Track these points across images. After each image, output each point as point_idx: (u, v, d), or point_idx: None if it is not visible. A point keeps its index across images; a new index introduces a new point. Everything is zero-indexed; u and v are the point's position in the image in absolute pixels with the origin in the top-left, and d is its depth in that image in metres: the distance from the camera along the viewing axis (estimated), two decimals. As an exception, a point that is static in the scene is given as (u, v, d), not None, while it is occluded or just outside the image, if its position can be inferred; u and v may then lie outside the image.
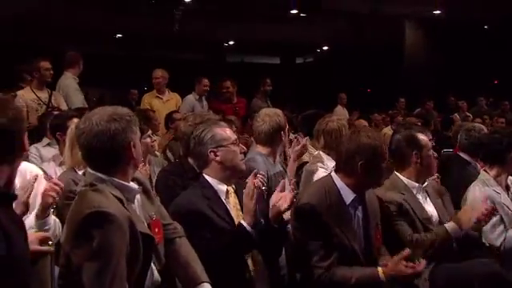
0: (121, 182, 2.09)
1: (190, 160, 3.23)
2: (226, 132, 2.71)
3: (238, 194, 2.69)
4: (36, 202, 2.56)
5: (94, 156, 2.08)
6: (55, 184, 2.50)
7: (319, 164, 3.66)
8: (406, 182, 2.99)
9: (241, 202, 2.63)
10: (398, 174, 3.04)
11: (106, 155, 2.05)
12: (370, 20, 12.97)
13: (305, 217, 2.60)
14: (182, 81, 7.22)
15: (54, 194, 2.47)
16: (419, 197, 3.01)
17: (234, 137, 2.73)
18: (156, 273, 2.24)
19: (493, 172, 3.29)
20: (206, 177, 2.65)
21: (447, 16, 13.37)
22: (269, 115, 3.65)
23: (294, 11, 12.66)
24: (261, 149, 3.59)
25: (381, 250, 2.78)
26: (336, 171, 2.71)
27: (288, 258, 2.90)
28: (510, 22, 12.34)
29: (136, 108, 6.57)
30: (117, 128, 2.03)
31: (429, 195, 3.10)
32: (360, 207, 2.71)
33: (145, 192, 2.29)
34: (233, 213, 2.63)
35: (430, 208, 3.04)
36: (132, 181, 2.19)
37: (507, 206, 3.15)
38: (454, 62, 13.43)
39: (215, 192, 2.62)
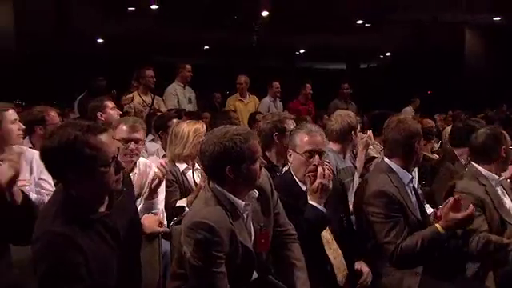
0: (231, 197, 2.08)
1: (267, 153, 3.26)
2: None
3: None
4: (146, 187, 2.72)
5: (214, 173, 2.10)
6: (161, 165, 2.62)
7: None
8: (486, 174, 2.87)
9: None
10: (476, 165, 2.92)
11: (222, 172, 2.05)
12: (432, 27, 12.53)
13: (380, 201, 2.56)
14: (259, 85, 7.31)
15: (159, 175, 2.59)
16: (498, 189, 2.88)
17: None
18: None
19: None
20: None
21: (507, 22, 12.66)
22: (341, 115, 3.66)
23: (360, 21, 12.47)
24: (332, 145, 3.59)
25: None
26: (388, 157, 2.72)
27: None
28: None
29: (220, 110, 6.74)
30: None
31: (505, 189, 2.96)
32: (412, 185, 2.74)
33: (262, 200, 2.23)
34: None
35: (507, 201, 2.90)
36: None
37: None
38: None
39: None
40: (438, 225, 2.47)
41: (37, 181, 2.94)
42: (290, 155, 2.66)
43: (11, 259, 2.15)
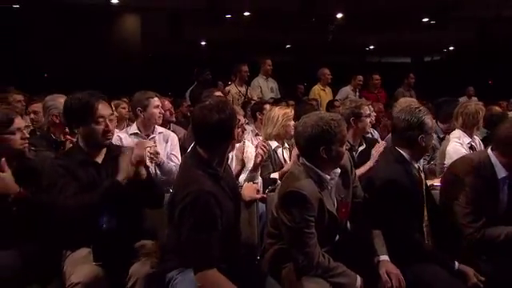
0: (319, 172, 2.04)
1: None
2: None
3: None
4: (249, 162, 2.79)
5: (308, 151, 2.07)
6: (263, 146, 2.68)
7: (455, 139, 3.45)
8: None
9: None
10: None
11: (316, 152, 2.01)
12: (493, 23, 11.47)
13: (463, 182, 2.31)
14: (334, 78, 7.15)
15: (262, 153, 2.65)
16: None
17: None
18: None
19: None
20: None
21: None
22: (405, 103, 3.50)
23: (426, 19, 11.71)
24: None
25: None
26: (492, 149, 2.38)
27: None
28: None
29: (303, 98, 6.68)
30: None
31: None
32: (507, 182, 2.35)
33: (343, 176, 2.16)
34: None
35: None
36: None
37: None
38: None
39: None
40: None
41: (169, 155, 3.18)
42: None
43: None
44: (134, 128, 3.21)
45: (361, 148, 3.19)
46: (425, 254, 2.19)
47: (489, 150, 2.39)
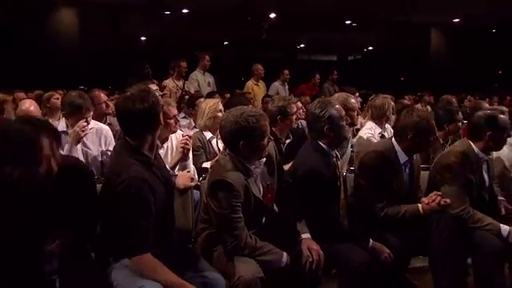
0: (244, 162, 2.05)
1: (274, 129, 3.17)
2: None
3: None
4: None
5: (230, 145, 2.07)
6: (186, 139, 2.63)
7: (367, 130, 3.56)
8: (476, 151, 2.57)
9: None
10: (471, 143, 2.58)
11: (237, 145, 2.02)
12: (405, 27, 12.25)
13: (369, 168, 2.46)
14: (266, 74, 7.24)
15: (184, 146, 2.59)
16: (483, 166, 2.64)
17: None
18: None
19: None
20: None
21: (465, 23, 12.30)
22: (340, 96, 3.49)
23: (349, 21, 12.23)
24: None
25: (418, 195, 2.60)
26: (394, 137, 2.53)
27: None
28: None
29: (237, 91, 6.67)
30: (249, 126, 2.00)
31: (489, 166, 2.69)
32: (408, 166, 2.52)
33: (268, 164, 2.18)
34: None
35: (486, 175, 2.66)
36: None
37: None
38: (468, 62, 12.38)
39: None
40: (420, 205, 2.41)
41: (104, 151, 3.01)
42: None
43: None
44: (62, 125, 2.97)
45: (288, 141, 3.26)
46: (342, 234, 2.29)
47: (393, 139, 2.55)
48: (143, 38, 14.58)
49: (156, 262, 1.76)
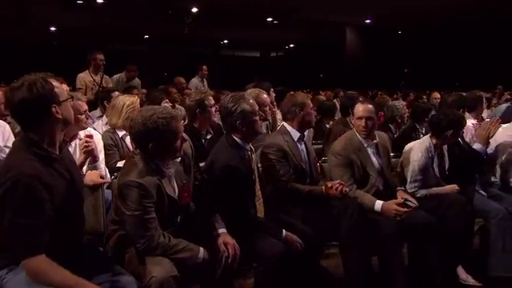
0: (156, 162, 2.00)
1: (194, 124, 3.16)
2: None
3: None
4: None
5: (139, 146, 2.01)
6: (86, 140, 2.47)
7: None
8: (360, 139, 2.84)
9: None
10: (356, 132, 2.86)
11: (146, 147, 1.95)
12: (322, 25, 12.83)
13: (272, 152, 2.67)
14: (190, 68, 7.12)
15: (85, 148, 2.45)
16: (369, 150, 2.87)
17: None
18: None
19: None
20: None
21: (375, 24, 13.25)
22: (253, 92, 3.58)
23: (270, 19, 12.48)
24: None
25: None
26: (284, 120, 2.84)
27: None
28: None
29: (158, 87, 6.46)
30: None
31: (378, 149, 2.90)
32: (303, 143, 2.83)
33: (184, 162, 2.18)
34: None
35: (374, 159, 2.86)
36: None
37: None
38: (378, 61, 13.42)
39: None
40: (323, 187, 2.59)
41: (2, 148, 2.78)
42: None
43: None
44: None
45: (208, 136, 3.23)
46: (258, 227, 2.33)
47: (283, 122, 2.85)
48: (53, 29, 13.43)
49: (49, 264, 1.62)
